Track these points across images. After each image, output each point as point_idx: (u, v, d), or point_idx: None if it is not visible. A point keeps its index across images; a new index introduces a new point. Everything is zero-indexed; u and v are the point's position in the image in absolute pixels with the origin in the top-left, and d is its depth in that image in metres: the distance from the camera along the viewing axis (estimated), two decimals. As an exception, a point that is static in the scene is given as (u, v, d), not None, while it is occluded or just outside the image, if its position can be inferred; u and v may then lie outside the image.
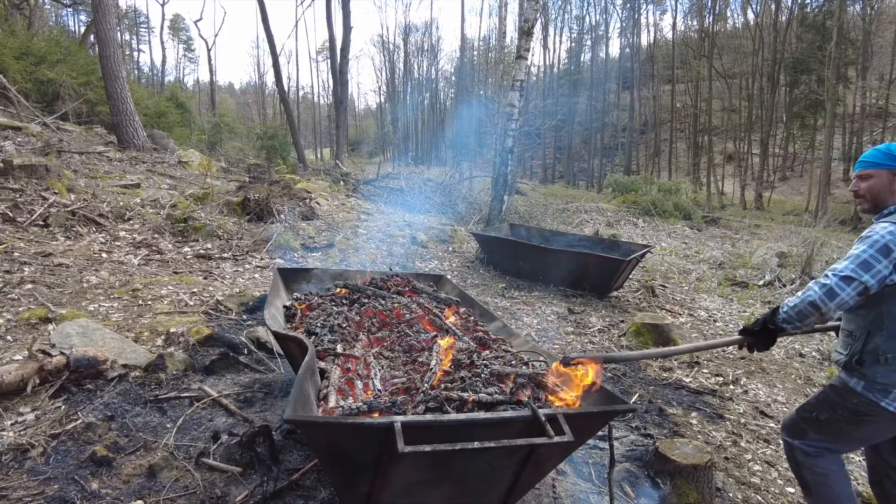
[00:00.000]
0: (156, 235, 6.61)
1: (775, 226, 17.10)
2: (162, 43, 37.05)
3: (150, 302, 4.66)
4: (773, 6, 31.24)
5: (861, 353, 2.14)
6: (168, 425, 2.88)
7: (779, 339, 2.55)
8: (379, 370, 2.31)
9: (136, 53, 43.49)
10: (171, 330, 3.97)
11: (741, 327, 2.41)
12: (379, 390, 2.14)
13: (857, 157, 28.10)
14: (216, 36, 58.21)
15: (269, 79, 49.42)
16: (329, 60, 21.60)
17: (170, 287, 5.06)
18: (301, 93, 59.53)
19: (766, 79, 31.33)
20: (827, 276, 2.09)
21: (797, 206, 27.16)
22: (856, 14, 27.81)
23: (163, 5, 33.33)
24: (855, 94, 27.32)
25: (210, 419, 3.01)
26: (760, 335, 2.31)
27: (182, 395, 3.18)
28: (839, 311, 2.08)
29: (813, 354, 5.70)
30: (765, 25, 32.09)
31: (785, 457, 2.50)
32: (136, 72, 40.37)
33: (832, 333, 3.48)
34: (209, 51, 37.18)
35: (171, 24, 48.66)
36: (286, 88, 23.42)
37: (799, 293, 2.17)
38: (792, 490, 3.19)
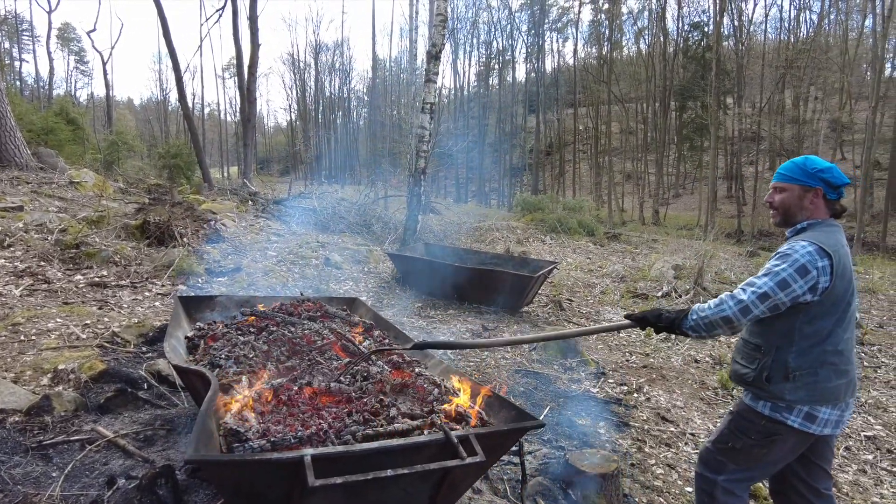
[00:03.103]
0: (42, 263, 6.08)
1: (671, 240, 18.35)
2: (49, 53, 33.94)
3: (34, 337, 4.27)
4: (661, 38, 34.00)
5: (770, 368, 2.12)
6: (54, 474, 2.64)
7: (676, 347, 2.68)
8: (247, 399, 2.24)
9: (17, 63, 39.88)
10: (60, 367, 3.66)
11: (639, 315, 2.35)
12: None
13: (737, 176, 31.14)
14: (112, 48, 54.51)
15: (173, 95, 47.03)
16: (236, 77, 20.92)
17: (58, 319, 4.66)
18: (207, 110, 57.18)
19: (659, 104, 33.96)
20: (744, 290, 2.07)
21: (690, 220, 29.41)
22: (730, 48, 30.79)
23: (49, 13, 30.73)
24: (733, 120, 30.14)
25: (105, 463, 2.79)
26: (658, 329, 2.29)
27: (72, 438, 2.93)
28: (749, 323, 2.11)
29: (706, 360, 6.16)
30: (655, 55, 34.84)
31: (696, 490, 2.41)
32: (18, 83, 37.02)
33: (722, 339, 3.71)
34: (105, 64, 34.59)
35: (59, 34, 45.16)
36: (191, 105, 22.42)
37: (711, 303, 2.13)
38: (690, 489, 3.42)
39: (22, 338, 4.22)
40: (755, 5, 70.65)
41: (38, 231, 6.87)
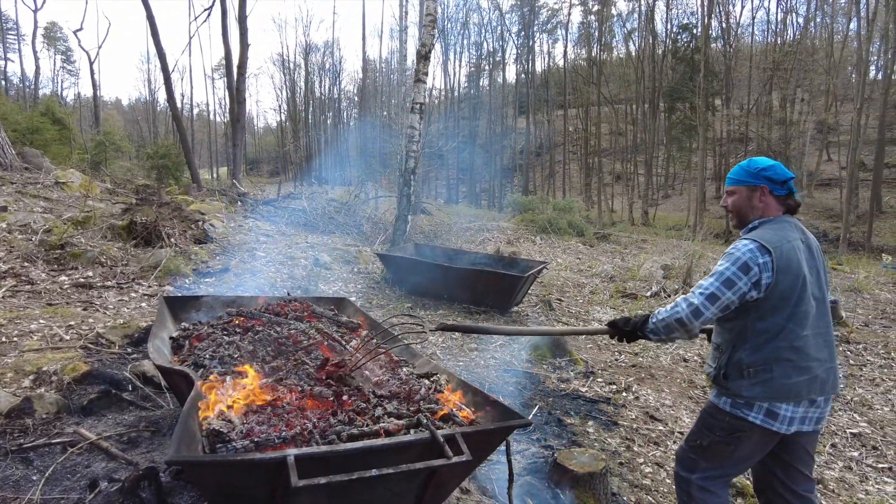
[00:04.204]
0: (25, 264, 6.00)
1: (660, 240, 18.46)
2: (35, 52, 33.40)
3: (15, 339, 4.20)
4: (650, 39, 34.22)
5: (726, 366, 2.18)
6: (34, 477, 2.59)
7: (664, 347, 2.68)
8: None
9: (2, 62, 39.33)
10: (42, 368, 3.61)
11: (612, 320, 2.45)
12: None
13: (725, 177, 31.40)
14: (100, 48, 53.97)
15: (161, 95, 46.61)
16: (226, 77, 20.79)
17: (41, 321, 4.60)
18: (196, 110, 56.77)
19: (648, 105, 34.16)
20: (694, 292, 2.13)
21: (679, 221, 29.59)
22: (718, 50, 31.06)
23: (35, 11, 30.33)
24: (721, 121, 30.39)
25: (87, 465, 2.75)
26: (627, 334, 2.37)
27: (53, 440, 2.88)
28: (704, 326, 2.14)
29: (695, 359, 6.19)
30: (645, 56, 35.06)
31: (676, 489, 2.44)
32: (3, 83, 36.52)
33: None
34: (92, 63, 34.19)
35: (45, 33, 44.59)
36: (180, 106, 22.25)
37: (668, 307, 2.21)
38: (677, 487, 3.42)
39: (3, 339, 4.16)
40: (742, 8, 71.21)
41: (22, 231, 6.79)
